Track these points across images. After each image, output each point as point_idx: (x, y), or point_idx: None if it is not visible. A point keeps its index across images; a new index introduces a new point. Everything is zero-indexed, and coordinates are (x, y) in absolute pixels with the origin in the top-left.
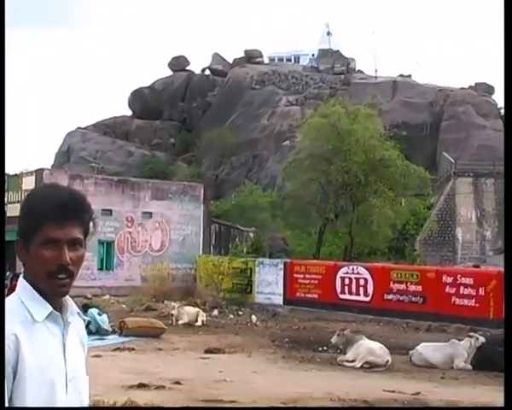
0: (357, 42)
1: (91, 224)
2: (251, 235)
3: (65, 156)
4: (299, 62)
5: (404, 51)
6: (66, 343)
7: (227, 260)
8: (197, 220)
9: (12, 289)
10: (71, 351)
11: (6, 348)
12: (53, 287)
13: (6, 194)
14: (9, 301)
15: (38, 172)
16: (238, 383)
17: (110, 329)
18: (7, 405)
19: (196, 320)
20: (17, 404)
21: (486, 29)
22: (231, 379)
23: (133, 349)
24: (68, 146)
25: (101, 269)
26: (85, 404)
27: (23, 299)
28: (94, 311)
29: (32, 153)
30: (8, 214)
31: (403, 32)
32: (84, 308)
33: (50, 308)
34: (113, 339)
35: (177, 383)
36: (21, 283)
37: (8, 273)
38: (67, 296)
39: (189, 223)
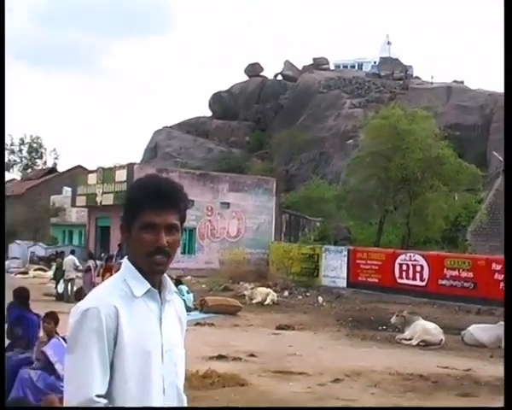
0: (414, 50)
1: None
2: (318, 224)
3: (152, 152)
4: (362, 69)
5: (459, 58)
6: (162, 318)
7: (296, 247)
8: (269, 211)
9: (106, 269)
10: (168, 326)
11: (107, 317)
12: (151, 266)
13: (101, 185)
14: (113, 278)
15: (129, 166)
16: (306, 356)
17: (193, 306)
18: (108, 372)
19: (268, 300)
20: (118, 370)
21: None
22: (300, 353)
23: (213, 325)
24: (155, 143)
25: (183, 253)
26: (181, 375)
27: (125, 276)
28: (184, 288)
29: (124, 149)
30: (104, 203)
31: (457, 40)
32: (176, 284)
33: (149, 286)
34: (195, 315)
35: (252, 355)
36: (125, 262)
37: (102, 255)
38: (167, 277)
39: (262, 213)
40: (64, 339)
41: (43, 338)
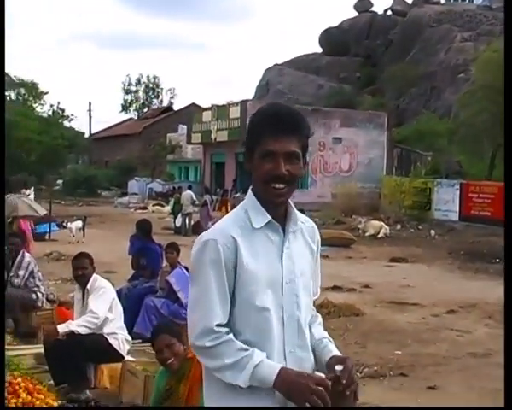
0: None
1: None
2: (429, 158)
3: (264, 89)
4: (472, 2)
5: None
6: (284, 249)
7: (408, 181)
8: (381, 145)
9: (222, 204)
10: (291, 257)
11: (225, 248)
12: (270, 195)
13: (216, 122)
14: (237, 208)
15: (243, 104)
16: (420, 288)
17: None
18: (228, 302)
19: (380, 233)
20: (238, 300)
21: None
22: (413, 285)
23: (327, 257)
24: (267, 80)
25: (297, 187)
26: (304, 305)
27: (247, 207)
28: None
29: (237, 87)
30: (218, 140)
31: None
32: None
33: (268, 218)
34: None
35: (367, 286)
36: (249, 193)
37: (218, 190)
38: (293, 207)
39: (373, 147)
40: (186, 269)
41: (166, 268)
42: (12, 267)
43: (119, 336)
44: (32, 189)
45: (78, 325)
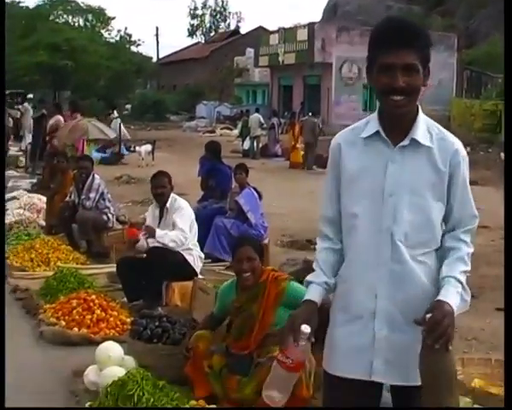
0: None
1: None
2: (499, 81)
3: (331, 11)
4: None
5: None
6: (390, 163)
7: (478, 103)
8: (451, 67)
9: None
10: (400, 171)
11: (334, 152)
12: (388, 107)
13: (283, 45)
14: (364, 119)
15: (310, 26)
16: (489, 211)
17: None
18: (335, 203)
19: None
20: (345, 200)
21: None
22: (483, 208)
23: None
24: (335, 2)
25: (365, 110)
26: (403, 222)
27: (369, 119)
28: None
29: (304, 9)
30: (286, 62)
31: None
32: None
33: (376, 128)
34: None
35: None
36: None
37: (285, 113)
38: (421, 123)
39: (443, 69)
40: (256, 189)
41: (235, 189)
42: (83, 190)
43: (194, 253)
44: (115, 111)
45: (170, 239)
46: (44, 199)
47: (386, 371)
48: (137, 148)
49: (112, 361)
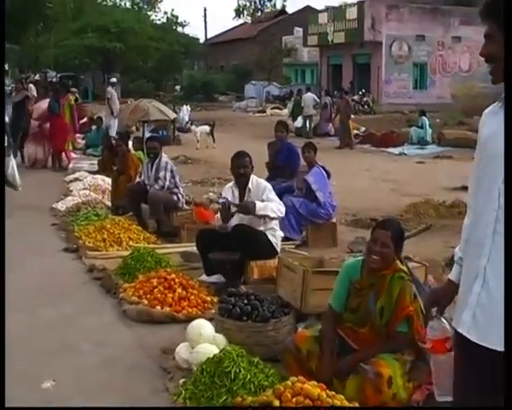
0: None
1: None
2: None
3: None
4: None
5: None
6: None
7: None
8: None
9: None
10: None
11: (481, 123)
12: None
13: (332, 24)
14: None
15: (359, 4)
16: None
17: (430, 140)
18: None
19: None
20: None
21: None
22: None
23: (451, 157)
24: None
25: (415, 88)
26: None
27: None
28: (426, 120)
29: None
30: (335, 41)
31: None
32: (420, 115)
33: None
34: (433, 148)
35: None
36: None
37: (335, 92)
38: None
39: None
40: (324, 168)
41: (303, 168)
42: (152, 171)
43: (277, 233)
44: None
45: (271, 209)
46: (108, 180)
47: (470, 326)
48: (193, 127)
49: (203, 339)
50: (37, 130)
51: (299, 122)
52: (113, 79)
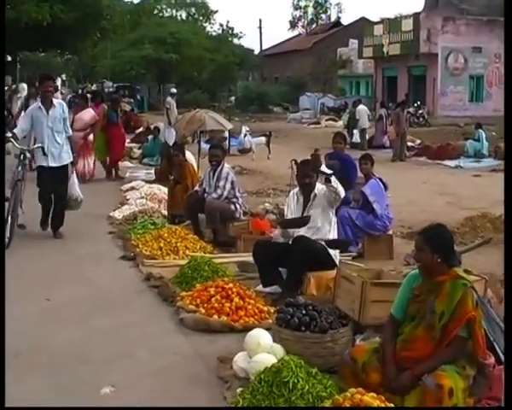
0: None
1: None
2: None
3: (433, 1)
4: None
5: None
6: None
7: None
8: None
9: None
10: None
11: None
12: None
13: (387, 36)
14: None
15: (415, 16)
16: None
17: (487, 153)
18: None
19: None
20: None
21: None
22: None
23: None
24: None
25: (471, 101)
26: None
27: None
28: (482, 133)
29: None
30: (390, 53)
31: None
32: (476, 128)
33: None
34: (489, 161)
35: None
36: None
37: (390, 104)
38: None
39: None
40: (381, 180)
41: (359, 179)
42: (214, 179)
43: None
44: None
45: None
46: (164, 189)
47: None
48: (246, 138)
49: (261, 348)
50: (82, 142)
51: (356, 137)
52: (173, 90)
